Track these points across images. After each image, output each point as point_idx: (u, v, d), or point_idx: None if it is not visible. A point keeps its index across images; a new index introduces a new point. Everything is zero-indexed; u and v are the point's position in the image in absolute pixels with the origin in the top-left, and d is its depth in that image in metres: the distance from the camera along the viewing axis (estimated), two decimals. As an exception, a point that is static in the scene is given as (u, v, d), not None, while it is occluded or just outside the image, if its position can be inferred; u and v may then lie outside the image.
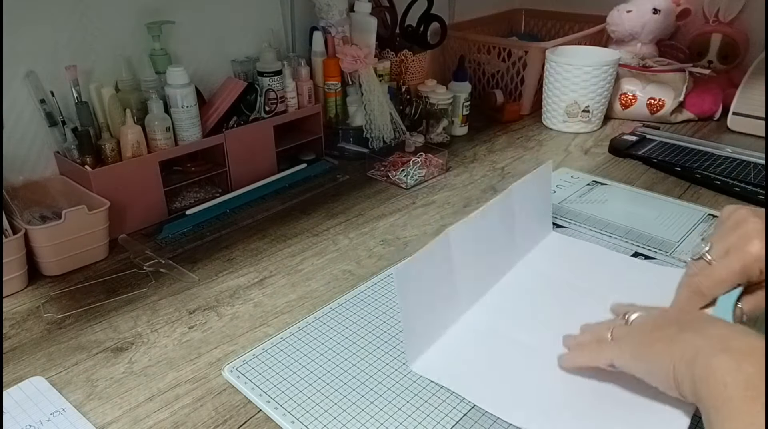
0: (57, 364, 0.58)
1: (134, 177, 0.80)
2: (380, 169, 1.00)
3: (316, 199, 0.92)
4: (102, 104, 0.79)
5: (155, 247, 0.79)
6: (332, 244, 0.79)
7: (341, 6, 1.01)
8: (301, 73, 1.00)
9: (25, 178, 0.79)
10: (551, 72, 1.16)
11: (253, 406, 0.53)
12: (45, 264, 0.72)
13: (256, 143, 0.94)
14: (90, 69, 0.82)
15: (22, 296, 0.69)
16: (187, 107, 0.83)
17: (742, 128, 1.15)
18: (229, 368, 0.57)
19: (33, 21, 0.75)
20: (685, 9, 1.28)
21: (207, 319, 0.64)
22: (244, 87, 0.89)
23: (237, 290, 0.69)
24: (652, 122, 1.21)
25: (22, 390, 0.54)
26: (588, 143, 1.13)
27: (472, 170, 1.02)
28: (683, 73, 1.20)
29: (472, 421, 0.50)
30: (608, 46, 1.33)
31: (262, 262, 0.75)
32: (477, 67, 1.31)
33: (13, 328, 0.63)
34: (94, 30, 0.81)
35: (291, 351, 0.59)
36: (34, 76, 0.76)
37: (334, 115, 1.07)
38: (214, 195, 0.91)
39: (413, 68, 1.16)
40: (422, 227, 0.83)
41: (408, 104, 1.11)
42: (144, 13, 0.85)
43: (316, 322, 0.63)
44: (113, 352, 0.59)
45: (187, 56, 0.92)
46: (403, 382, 0.54)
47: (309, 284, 0.70)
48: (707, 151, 1.04)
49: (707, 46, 1.30)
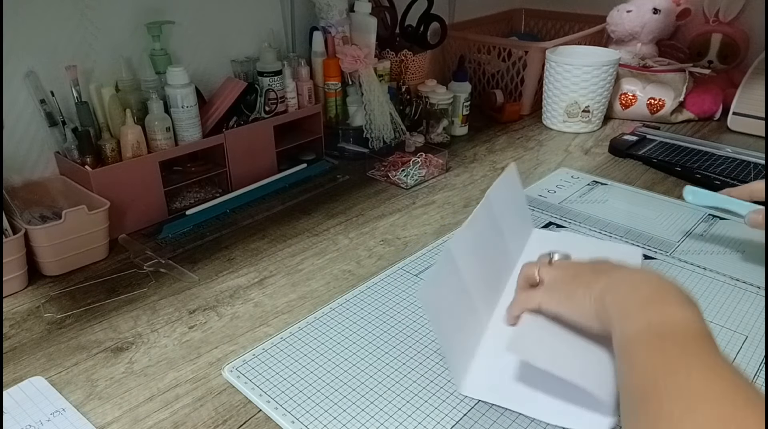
0: (57, 364, 0.58)
1: (134, 177, 0.80)
2: (380, 169, 1.00)
3: (316, 199, 0.92)
4: (102, 104, 0.79)
5: (155, 247, 0.79)
6: (332, 244, 0.79)
7: (341, 6, 1.01)
8: (301, 73, 1.00)
9: (25, 178, 0.79)
10: (551, 72, 1.16)
11: (253, 406, 0.53)
12: (45, 264, 0.72)
13: (256, 143, 0.94)
14: (90, 69, 0.82)
15: (22, 296, 0.69)
16: (187, 107, 0.83)
17: (742, 128, 1.15)
18: (229, 368, 0.57)
19: (33, 21, 0.75)
20: (685, 9, 1.28)
21: (207, 319, 0.64)
22: (244, 87, 0.89)
23: (237, 290, 0.69)
24: (652, 122, 1.21)
25: (22, 390, 0.54)
26: (588, 143, 1.13)
27: (472, 170, 1.02)
28: (683, 73, 1.20)
29: (472, 421, 0.50)
30: (608, 46, 1.34)
31: (262, 262, 0.75)
32: (477, 67, 1.31)
33: (13, 328, 0.63)
34: (94, 30, 0.81)
35: (291, 351, 0.59)
36: (34, 76, 0.76)
37: (334, 115, 1.07)
38: (214, 195, 0.91)
39: (413, 68, 1.16)
40: (422, 227, 0.83)
41: (408, 104, 1.11)
42: (144, 13, 0.85)
43: (316, 322, 0.63)
44: (113, 352, 0.59)
45: (187, 56, 0.92)
46: (403, 382, 0.54)
47: (309, 284, 0.70)
48: (707, 151, 1.04)
49: (707, 46, 1.30)
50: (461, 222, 0.83)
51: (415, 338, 0.60)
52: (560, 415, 0.50)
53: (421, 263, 0.73)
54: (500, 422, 0.50)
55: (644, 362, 0.41)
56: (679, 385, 0.37)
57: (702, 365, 0.38)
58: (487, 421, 0.50)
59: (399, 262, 0.74)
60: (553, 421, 0.50)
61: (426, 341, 0.60)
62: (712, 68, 1.26)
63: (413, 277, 0.71)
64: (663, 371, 0.39)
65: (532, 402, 0.51)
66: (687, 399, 0.36)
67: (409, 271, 0.72)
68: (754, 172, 0.95)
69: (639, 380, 0.40)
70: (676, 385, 0.37)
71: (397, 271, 0.72)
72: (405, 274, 0.71)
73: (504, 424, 0.50)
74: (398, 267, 0.73)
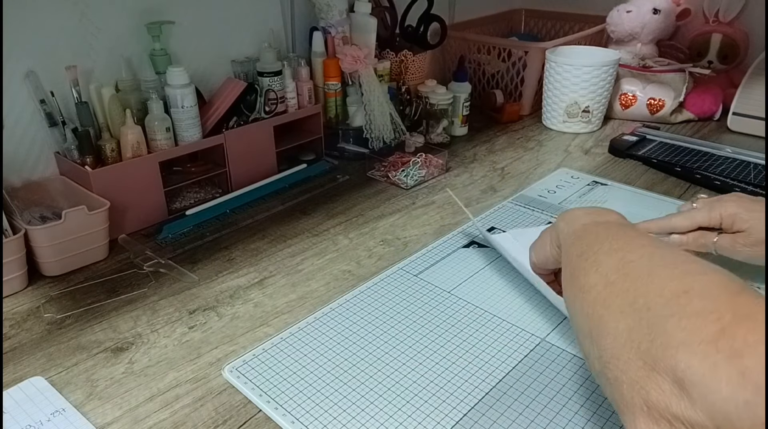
0: (57, 364, 0.58)
1: (134, 177, 0.80)
2: (380, 169, 1.00)
3: (316, 199, 0.92)
4: (102, 104, 0.79)
5: (155, 247, 0.79)
6: (332, 244, 0.79)
7: (341, 6, 1.01)
8: (301, 73, 1.00)
9: (25, 179, 0.79)
10: (551, 72, 1.16)
11: (253, 406, 0.53)
12: (45, 264, 0.72)
13: (256, 143, 0.94)
14: (90, 69, 0.82)
15: (22, 296, 0.69)
16: (187, 107, 0.83)
17: (742, 128, 1.15)
18: (229, 368, 0.57)
19: (33, 21, 0.75)
20: (685, 9, 1.28)
21: (207, 319, 0.64)
22: (244, 87, 0.89)
23: (237, 290, 0.69)
24: (652, 122, 1.21)
25: (22, 390, 0.54)
26: (588, 143, 1.13)
27: (472, 170, 1.02)
28: (683, 73, 1.20)
29: (472, 421, 0.50)
30: (608, 46, 1.34)
31: (262, 262, 0.75)
32: (477, 67, 1.31)
33: (13, 328, 0.63)
34: (94, 30, 0.81)
35: (291, 351, 0.59)
36: (34, 76, 0.76)
37: (334, 116, 1.07)
38: (214, 195, 0.91)
39: (413, 68, 1.16)
40: (422, 227, 0.83)
41: (408, 104, 1.11)
42: (144, 13, 0.85)
43: (316, 322, 0.63)
44: (113, 352, 0.59)
45: (187, 56, 0.92)
46: (403, 382, 0.54)
47: (309, 284, 0.70)
48: (707, 151, 1.04)
49: (707, 46, 1.30)
50: (461, 222, 0.83)
51: (415, 338, 0.60)
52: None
53: (421, 263, 0.73)
54: (500, 422, 0.50)
55: (586, 236, 0.49)
56: (614, 245, 0.44)
57: (636, 233, 0.46)
58: (487, 421, 0.50)
59: (399, 262, 0.74)
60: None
61: (426, 341, 0.60)
62: (712, 68, 1.26)
63: (413, 277, 0.71)
64: (605, 233, 0.47)
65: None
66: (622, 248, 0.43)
67: (409, 271, 0.72)
68: (754, 172, 0.95)
69: (580, 248, 0.47)
70: (607, 244, 0.45)
71: (397, 272, 0.72)
72: (405, 274, 0.71)
73: (504, 424, 0.50)
74: (398, 267, 0.73)
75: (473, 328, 0.62)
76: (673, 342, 0.32)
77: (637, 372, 0.34)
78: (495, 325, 0.62)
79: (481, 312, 0.64)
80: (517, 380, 0.55)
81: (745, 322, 0.30)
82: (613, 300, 0.39)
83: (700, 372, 0.30)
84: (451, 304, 0.66)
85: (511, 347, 0.59)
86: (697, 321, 0.32)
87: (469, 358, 0.58)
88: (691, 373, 0.30)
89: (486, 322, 0.63)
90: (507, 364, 0.57)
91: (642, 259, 0.40)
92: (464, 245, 0.77)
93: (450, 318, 0.63)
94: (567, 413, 0.51)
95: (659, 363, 0.32)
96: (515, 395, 0.53)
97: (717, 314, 0.31)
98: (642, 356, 0.34)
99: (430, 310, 0.64)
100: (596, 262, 0.43)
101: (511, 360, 0.57)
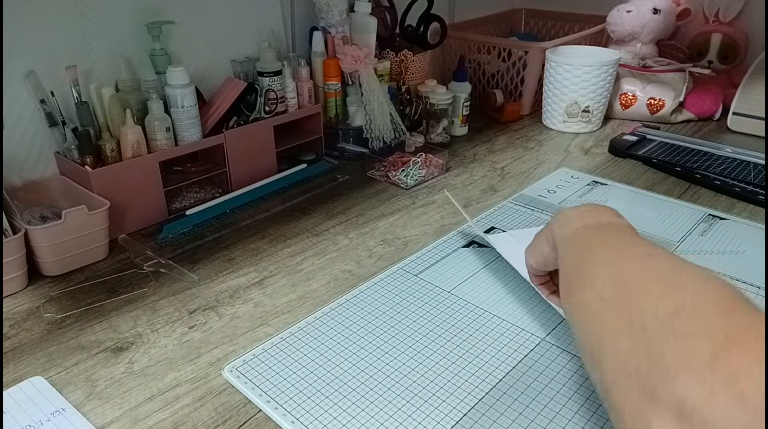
0: (57, 364, 0.58)
1: (134, 177, 0.80)
2: (380, 169, 1.00)
3: (316, 199, 0.92)
4: (102, 104, 0.79)
5: (155, 247, 0.79)
6: (332, 244, 0.79)
7: (341, 6, 1.01)
8: (301, 73, 1.00)
9: (25, 178, 0.79)
10: (551, 72, 1.16)
11: (253, 406, 0.53)
12: (45, 264, 0.72)
13: (256, 143, 0.94)
14: (90, 69, 0.82)
15: (22, 296, 0.69)
16: (187, 107, 0.83)
17: (742, 128, 1.15)
18: (229, 368, 0.57)
19: (33, 21, 0.75)
20: (685, 9, 1.28)
21: (207, 319, 0.64)
22: (244, 87, 0.89)
23: (237, 290, 0.69)
24: (652, 122, 1.21)
25: (22, 390, 0.54)
26: (588, 143, 1.13)
27: (472, 170, 1.02)
28: (683, 73, 1.20)
29: (472, 421, 0.50)
30: (608, 46, 1.34)
31: (262, 262, 0.75)
32: (477, 67, 1.31)
33: (13, 328, 0.63)
34: (94, 30, 0.81)
35: (291, 351, 0.59)
36: (34, 76, 0.77)
37: (334, 115, 1.07)
38: (214, 195, 0.91)
39: (413, 68, 1.16)
40: (422, 227, 0.83)
41: (408, 104, 1.11)
42: (144, 13, 0.85)
43: (316, 322, 0.63)
44: (113, 352, 0.59)
45: (187, 56, 0.92)
46: (403, 382, 0.54)
47: (309, 284, 0.70)
48: (707, 151, 1.04)
49: (707, 46, 1.30)
50: (461, 222, 0.83)
51: (415, 338, 0.60)
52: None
53: (421, 263, 0.73)
54: (500, 422, 0.50)
55: (580, 244, 0.50)
56: (609, 249, 0.46)
57: (629, 237, 0.48)
58: (487, 421, 0.50)
59: (399, 262, 0.74)
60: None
61: (426, 341, 0.60)
62: (712, 68, 1.26)
63: (413, 277, 0.71)
64: (597, 242, 0.48)
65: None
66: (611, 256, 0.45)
67: (409, 271, 0.72)
68: (754, 172, 0.95)
69: (573, 259, 0.48)
70: (605, 250, 0.46)
71: (397, 271, 0.72)
72: (405, 274, 0.71)
73: (504, 424, 0.50)
74: (398, 267, 0.73)
75: (473, 328, 0.62)
76: (670, 368, 0.32)
77: (638, 400, 0.34)
78: (495, 324, 0.62)
79: (481, 312, 0.64)
80: (517, 380, 0.55)
81: (737, 344, 0.31)
82: (609, 318, 0.39)
83: (699, 397, 0.30)
84: (451, 303, 0.66)
85: (511, 347, 0.59)
86: (692, 344, 0.32)
87: (469, 358, 0.58)
88: (691, 399, 0.30)
89: (486, 322, 0.63)
90: (507, 364, 0.57)
91: (634, 275, 0.41)
92: (464, 245, 0.77)
93: (450, 318, 0.63)
94: (567, 413, 0.51)
95: (658, 392, 0.32)
96: (515, 395, 0.53)
97: (709, 336, 0.32)
98: (641, 384, 0.34)
99: (430, 310, 0.65)
100: (590, 277, 0.44)
101: (510, 360, 0.57)
